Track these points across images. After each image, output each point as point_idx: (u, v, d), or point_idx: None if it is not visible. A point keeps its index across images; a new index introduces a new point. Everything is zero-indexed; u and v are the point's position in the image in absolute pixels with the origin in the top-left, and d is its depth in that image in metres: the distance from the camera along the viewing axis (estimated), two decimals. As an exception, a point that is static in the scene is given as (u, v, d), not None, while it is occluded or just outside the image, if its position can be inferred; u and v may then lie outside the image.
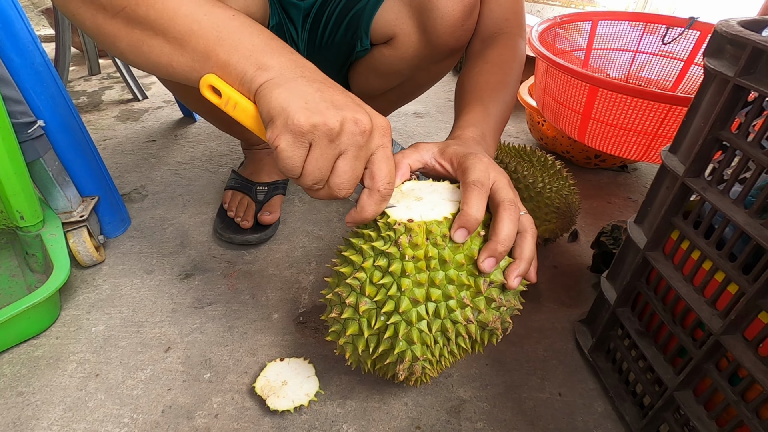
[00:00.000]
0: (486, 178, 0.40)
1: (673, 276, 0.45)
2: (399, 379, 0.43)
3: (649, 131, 0.80)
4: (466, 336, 0.41)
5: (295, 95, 0.35)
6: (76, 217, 0.68)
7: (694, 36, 1.04)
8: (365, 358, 0.44)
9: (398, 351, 0.40)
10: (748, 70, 0.36)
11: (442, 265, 0.38)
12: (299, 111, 0.34)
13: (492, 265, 0.38)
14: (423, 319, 0.39)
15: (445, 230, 0.38)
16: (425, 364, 0.42)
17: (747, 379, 0.37)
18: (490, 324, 0.40)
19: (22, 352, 0.58)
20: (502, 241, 0.38)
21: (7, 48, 0.57)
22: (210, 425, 0.50)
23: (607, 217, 0.88)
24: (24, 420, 0.51)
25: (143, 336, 0.61)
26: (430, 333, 0.39)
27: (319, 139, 0.35)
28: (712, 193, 0.40)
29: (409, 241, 0.38)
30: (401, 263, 0.38)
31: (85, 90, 1.42)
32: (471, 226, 0.38)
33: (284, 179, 0.86)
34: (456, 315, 0.39)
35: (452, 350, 0.42)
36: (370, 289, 0.40)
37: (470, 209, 0.38)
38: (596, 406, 0.54)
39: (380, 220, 0.40)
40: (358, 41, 0.67)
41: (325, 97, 0.36)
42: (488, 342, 0.43)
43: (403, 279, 0.38)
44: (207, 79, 0.38)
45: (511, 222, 0.39)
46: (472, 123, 0.52)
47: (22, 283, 0.66)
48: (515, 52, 0.61)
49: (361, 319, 0.41)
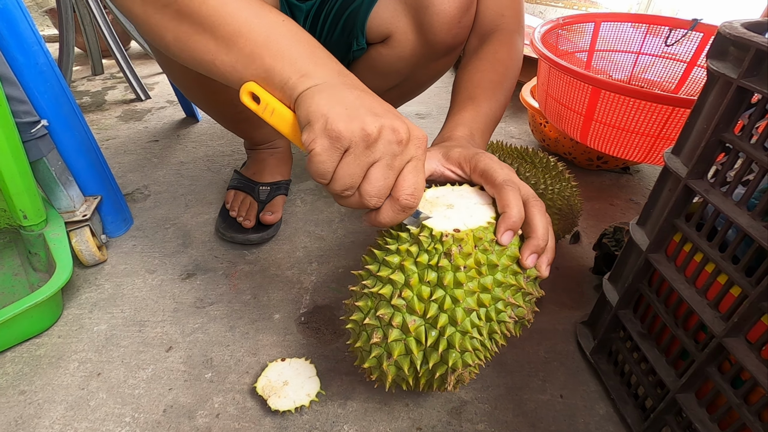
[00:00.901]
0: (510, 177, 0.41)
1: (676, 278, 0.44)
2: (446, 388, 0.43)
3: (651, 133, 0.80)
4: (507, 333, 0.41)
5: (336, 101, 0.35)
6: (79, 216, 0.68)
7: (697, 38, 1.04)
8: (409, 375, 0.42)
9: (452, 363, 0.40)
10: (751, 72, 0.36)
11: (491, 269, 0.39)
12: (338, 116, 0.34)
13: (534, 261, 0.40)
14: (476, 326, 0.39)
15: (491, 235, 0.39)
16: (473, 369, 0.42)
17: (749, 382, 0.37)
18: (525, 317, 0.42)
19: (24, 350, 0.58)
20: (542, 237, 0.39)
21: (11, 48, 0.57)
22: (211, 425, 0.50)
23: (609, 219, 0.88)
24: (26, 418, 0.51)
25: (145, 335, 0.61)
26: (481, 337, 0.40)
27: (355, 145, 0.34)
28: (715, 195, 0.40)
29: (460, 251, 0.38)
30: (454, 275, 0.38)
31: (88, 90, 1.43)
32: (517, 227, 0.39)
33: (287, 179, 0.86)
34: (503, 315, 0.40)
35: (493, 349, 0.43)
36: (419, 306, 0.38)
37: (513, 210, 0.39)
38: (598, 408, 0.54)
39: (422, 234, 0.39)
40: (355, 40, 0.67)
41: (365, 104, 0.36)
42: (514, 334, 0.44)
43: (457, 291, 0.38)
44: (248, 87, 0.38)
45: (542, 216, 0.40)
46: (462, 123, 0.52)
47: (24, 282, 0.66)
48: (511, 48, 0.61)
49: (409, 339, 0.40)
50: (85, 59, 1.64)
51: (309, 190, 0.93)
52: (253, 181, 0.83)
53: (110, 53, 1.32)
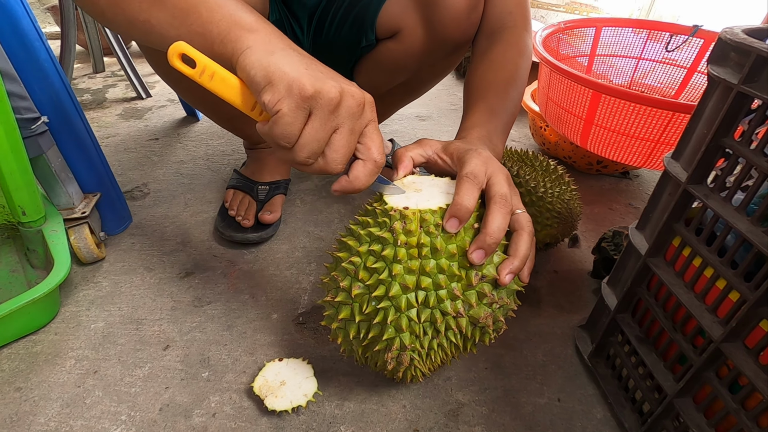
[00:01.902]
0: (481, 172, 0.40)
1: (674, 282, 0.44)
2: (388, 369, 0.43)
3: (651, 138, 0.80)
4: (456, 330, 0.41)
5: (293, 61, 0.35)
6: (78, 213, 0.68)
7: (697, 44, 1.04)
8: (356, 345, 0.44)
9: (386, 338, 0.40)
10: (752, 78, 0.36)
11: (433, 253, 0.39)
12: (303, 76, 0.34)
13: (481, 257, 0.39)
14: (413, 307, 0.40)
15: (438, 219, 0.39)
16: (413, 354, 0.42)
17: (747, 387, 0.37)
18: (481, 320, 0.40)
19: (20, 347, 0.58)
20: (491, 233, 0.38)
21: (13, 44, 0.57)
22: (207, 424, 0.50)
23: (608, 223, 0.88)
24: (21, 415, 0.50)
25: (142, 334, 0.61)
26: (419, 322, 0.40)
27: (320, 108, 0.34)
28: (715, 201, 0.40)
29: (402, 228, 0.39)
30: (394, 249, 0.39)
31: (89, 87, 1.43)
32: (462, 216, 0.39)
33: (286, 179, 0.86)
34: (446, 306, 0.39)
35: (442, 344, 0.42)
36: (363, 274, 0.40)
37: (461, 199, 0.38)
38: (595, 412, 0.54)
39: (378, 207, 0.41)
40: (364, 36, 0.67)
41: (318, 68, 0.36)
42: (479, 341, 0.43)
43: (394, 264, 0.39)
44: (177, 47, 0.35)
45: (500, 215, 0.39)
46: (477, 124, 0.52)
47: (22, 278, 0.66)
48: (520, 47, 0.61)
49: (354, 304, 0.42)
50: (86, 57, 1.64)
51: (308, 191, 0.93)
52: (252, 180, 0.83)
53: (112, 51, 1.32)
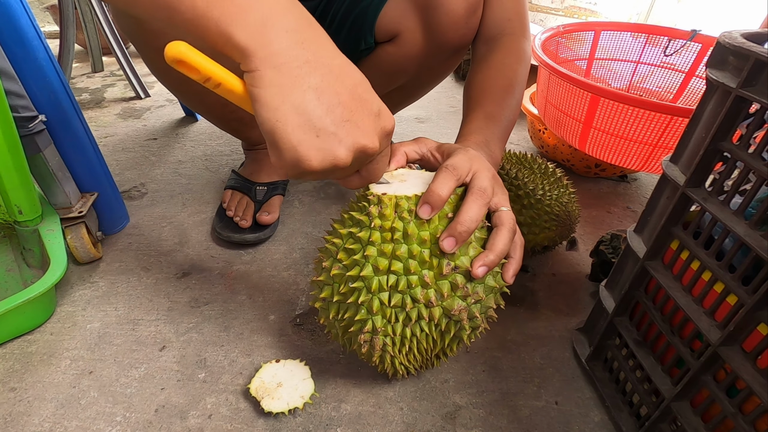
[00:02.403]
0: (462, 166, 0.41)
1: (672, 286, 0.44)
2: (362, 351, 0.45)
3: (650, 141, 0.81)
4: (428, 320, 0.41)
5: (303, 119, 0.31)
6: (75, 212, 0.68)
7: (695, 48, 1.05)
8: (337, 326, 0.46)
9: (359, 318, 0.41)
10: (750, 82, 0.36)
11: (404, 238, 0.40)
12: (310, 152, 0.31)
13: (452, 245, 0.39)
14: (384, 290, 0.40)
15: (412, 206, 0.40)
16: (386, 340, 0.43)
17: (745, 391, 0.37)
18: (454, 311, 0.41)
19: (15, 347, 0.58)
20: (463, 222, 0.39)
21: (11, 43, 0.57)
22: (203, 426, 0.50)
23: (606, 226, 0.88)
24: (15, 416, 0.50)
25: (138, 334, 0.60)
26: (389, 306, 0.41)
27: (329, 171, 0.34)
28: (713, 204, 0.40)
29: (378, 212, 0.40)
30: (369, 231, 0.40)
31: (87, 87, 1.42)
32: (435, 203, 0.39)
33: (284, 179, 0.86)
34: (415, 292, 0.40)
35: (415, 333, 0.42)
36: (342, 255, 0.42)
37: (435, 186, 0.39)
38: (592, 415, 0.54)
39: (360, 193, 0.43)
40: (362, 39, 0.67)
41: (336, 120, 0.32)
42: (457, 338, 0.44)
43: (368, 246, 0.40)
44: (175, 50, 0.29)
45: (475, 205, 0.39)
46: (475, 130, 0.52)
47: (18, 277, 0.65)
48: (519, 54, 0.61)
49: (333, 284, 0.43)
50: (85, 56, 1.64)
51: (306, 191, 0.93)
52: (250, 181, 0.83)
53: (111, 50, 1.32)
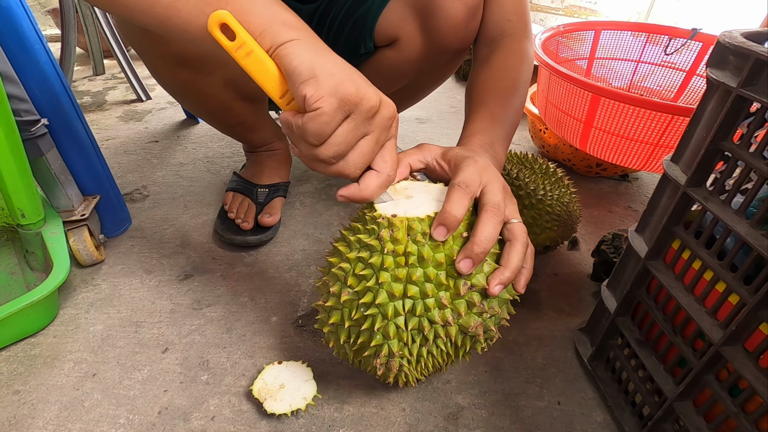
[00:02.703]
0: (474, 180, 0.40)
1: (674, 286, 0.44)
2: (378, 373, 0.44)
3: (650, 141, 0.81)
4: (445, 338, 0.41)
5: (338, 64, 0.35)
6: (77, 215, 0.68)
7: (696, 47, 1.05)
8: (348, 349, 0.44)
9: (375, 344, 0.41)
10: (750, 81, 0.36)
11: (420, 262, 0.39)
12: (348, 79, 0.34)
13: (469, 267, 0.38)
14: (399, 315, 0.39)
15: (426, 228, 0.39)
16: (402, 362, 0.42)
17: (747, 390, 0.37)
18: (470, 329, 0.40)
19: (19, 350, 0.58)
20: (479, 243, 0.38)
21: (13, 46, 0.57)
22: (206, 427, 0.50)
23: (607, 226, 0.88)
24: (20, 419, 0.50)
25: (141, 336, 0.61)
26: (406, 330, 0.40)
27: (359, 113, 0.35)
28: (714, 204, 0.40)
29: (390, 236, 0.39)
30: (381, 256, 0.39)
31: (89, 90, 1.43)
32: (450, 224, 0.38)
33: (285, 181, 0.86)
34: (433, 314, 0.39)
35: (432, 351, 0.42)
36: (352, 280, 0.40)
37: (450, 207, 0.38)
38: (595, 415, 0.54)
39: (367, 214, 0.41)
40: (362, 44, 0.67)
41: (360, 75, 0.36)
42: (471, 349, 0.43)
43: (382, 272, 0.39)
44: (220, 16, 0.34)
45: (490, 224, 0.38)
46: (479, 131, 0.52)
47: (21, 281, 0.66)
48: (521, 54, 0.61)
49: (343, 309, 0.42)
50: (86, 59, 1.64)
51: (308, 193, 0.93)
52: (252, 183, 0.83)
53: (112, 53, 1.32)
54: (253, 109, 0.74)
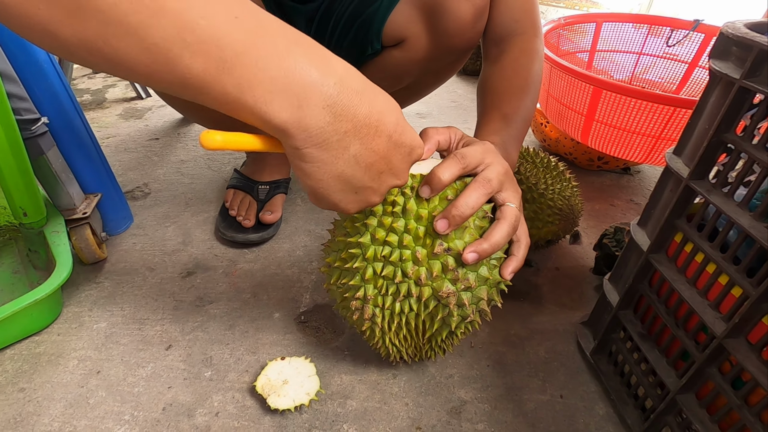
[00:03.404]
0: (473, 156, 0.41)
1: (677, 279, 0.44)
2: (353, 319, 0.46)
3: (652, 133, 0.80)
4: (416, 296, 0.42)
5: (344, 186, 0.34)
6: (79, 214, 0.68)
7: (698, 38, 1.04)
8: (335, 291, 0.48)
9: (353, 283, 0.43)
10: (753, 73, 0.36)
11: (403, 212, 0.41)
12: (350, 205, 0.36)
13: (444, 227, 0.39)
14: (378, 261, 0.42)
15: (416, 184, 0.41)
16: (376, 310, 0.44)
17: (750, 383, 0.37)
18: (442, 293, 0.41)
19: (24, 348, 0.58)
20: (458, 206, 0.39)
21: (12, 45, 0.57)
22: (210, 423, 0.50)
23: (609, 220, 0.88)
24: (25, 416, 0.51)
25: (144, 333, 0.61)
26: (380, 274, 0.42)
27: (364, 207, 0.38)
28: (717, 196, 0.40)
29: None
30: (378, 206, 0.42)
31: (89, 88, 1.43)
32: (434, 185, 0.40)
33: (286, 178, 0.86)
34: (406, 266, 0.41)
35: (404, 310, 0.43)
36: (347, 223, 0.45)
37: (438, 170, 0.40)
38: (597, 408, 0.54)
39: None
40: (369, 45, 0.67)
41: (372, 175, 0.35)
42: (447, 324, 0.44)
43: (370, 217, 0.42)
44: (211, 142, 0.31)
45: (475, 193, 0.40)
46: (492, 133, 0.53)
47: (24, 279, 0.66)
48: (532, 53, 0.61)
49: (338, 251, 0.46)
50: (85, 57, 1.64)
51: (309, 189, 0.93)
52: (253, 180, 0.83)
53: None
54: None
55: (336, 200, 0.35)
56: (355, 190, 0.35)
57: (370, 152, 0.33)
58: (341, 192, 0.35)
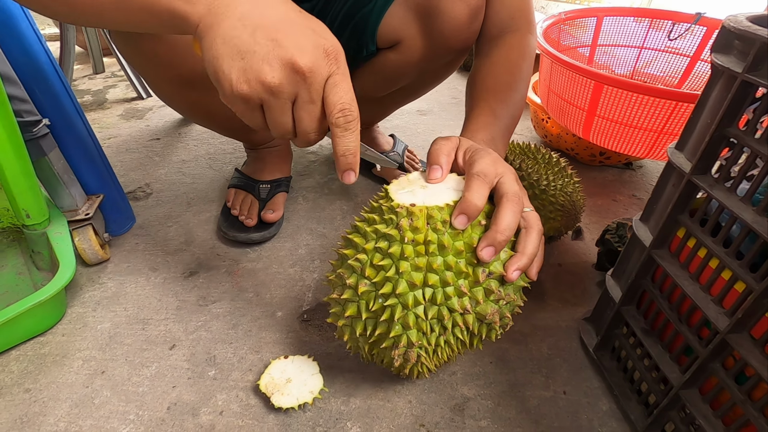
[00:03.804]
0: (491, 171, 0.40)
1: (679, 274, 0.44)
2: (395, 365, 0.43)
3: (654, 128, 0.80)
4: (463, 327, 0.41)
5: (230, 50, 0.33)
6: (82, 215, 0.68)
7: (700, 32, 1.03)
8: (363, 342, 0.44)
9: (393, 335, 0.40)
10: (756, 66, 0.35)
11: (440, 250, 0.39)
12: (240, 77, 0.33)
13: (491, 254, 0.38)
14: (420, 304, 0.39)
15: (446, 216, 0.39)
16: (420, 351, 0.42)
17: (754, 378, 0.37)
18: (488, 316, 0.40)
19: (29, 349, 0.59)
20: (502, 231, 0.38)
21: (12, 47, 0.57)
22: (215, 422, 0.51)
23: (611, 215, 0.88)
24: (31, 416, 0.51)
25: (148, 333, 0.61)
26: (426, 319, 0.40)
27: (265, 98, 0.34)
28: (719, 191, 0.40)
29: (409, 225, 0.39)
30: (401, 246, 0.39)
31: (89, 88, 1.43)
32: (471, 213, 0.38)
33: (287, 176, 0.86)
34: (453, 303, 0.39)
35: (449, 341, 0.42)
36: (370, 271, 0.40)
37: (471, 196, 0.38)
38: (601, 404, 0.54)
39: (384, 204, 0.41)
40: (364, 47, 0.67)
41: (259, 41, 0.33)
42: (486, 337, 0.43)
43: (401, 262, 0.39)
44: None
45: (511, 212, 0.39)
46: (481, 127, 0.52)
47: (28, 280, 0.66)
48: (523, 50, 0.60)
49: (360, 301, 0.42)
50: (86, 58, 1.64)
51: (310, 188, 0.93)
52: (254, 179, 0.83)
53: (111, 51, 1.32)
54: None
55: (226, 68, 0.33)
56: (241, 55, 0.33)
57: (257, 15, 0.33)
58: (228, 57, 0.33)
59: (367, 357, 0.47)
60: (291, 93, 0.35)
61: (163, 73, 0.59)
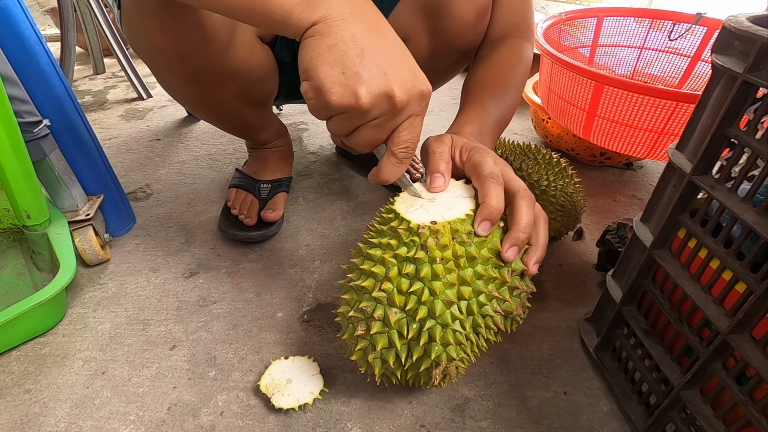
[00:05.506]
0: (497, 170, 0.41)
1: (680, 275, 0.44)
2: (434, 383, 0.42)
3: (655, 128, 0.80)
4: (494, 327, 0.41)
5: (334, 59, 0.34)
6: (82, 215, 0.68)
7: (701, 32, 1.03)
8: (396, 369, 0.43)
9: (435, 356, 0.39)
10: (757, 67, 0.35)
11: (470, 261, 0.38)
12: (333, 86, 0.34)
13: (515, 254, 0.40)
14: (457, 318, 0.39)
15: (469, 227, 0.39)
16: (459, 363, 0.42)
17: (755, 378, 0.36)
18: (513, 312, 0.41)
19: (29, 349, 0.59)
20: (524, 229, 0.39)
21: (12, 48, 0.57)
22: (215, 423, 0.50)
23: (612, 215, 0.87)
24: (32, 417, 0.51)
25: (149, 334, 0.61)
26: (464, 331, 0.39)
27: (347, 113, 0.36)
28: (720, 191, 0.39)
29: (436, 243, 0.38)
30: (431, 267, 0.38)
31: (90, 89, 1.43)
32: (494, 218, 0.39)
33: (288, 176, 0.86)
34: (487, 309, 0.40)
35: (481, 344, 0.42)
36: (399, 299, 0.39)
37: (491, 201, 0.39)
38: (601, 405, 0.54)
39: (400, 227, 0.40)
40: None
41: (365, 63, 0.34)
42: (509, 329, 0.44)
43: (434, 282, 0.38)
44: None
45: (528, 209, 0.40)
46: (470, 120, 0.53)
47: (28, 281, 0.66)
48: (521, 56, 0.61)
49: (391, 331, 0.40)
50: (86, 58, 1.64)
51: (311, 188, 0.93)
52: (254, 179, 0.83)
53: (111, 52, 1.32)
54: (259, 112, 0.74)
55: (323, 74, 0.34)
56: (342, 69, 0.34)
57: (369, 39, 0.35)
58: (329, 65, 0.34)
59: (399, 382, 0.45)
60: (370, 116, 0.36)
61: (173, 67, 0.59)
